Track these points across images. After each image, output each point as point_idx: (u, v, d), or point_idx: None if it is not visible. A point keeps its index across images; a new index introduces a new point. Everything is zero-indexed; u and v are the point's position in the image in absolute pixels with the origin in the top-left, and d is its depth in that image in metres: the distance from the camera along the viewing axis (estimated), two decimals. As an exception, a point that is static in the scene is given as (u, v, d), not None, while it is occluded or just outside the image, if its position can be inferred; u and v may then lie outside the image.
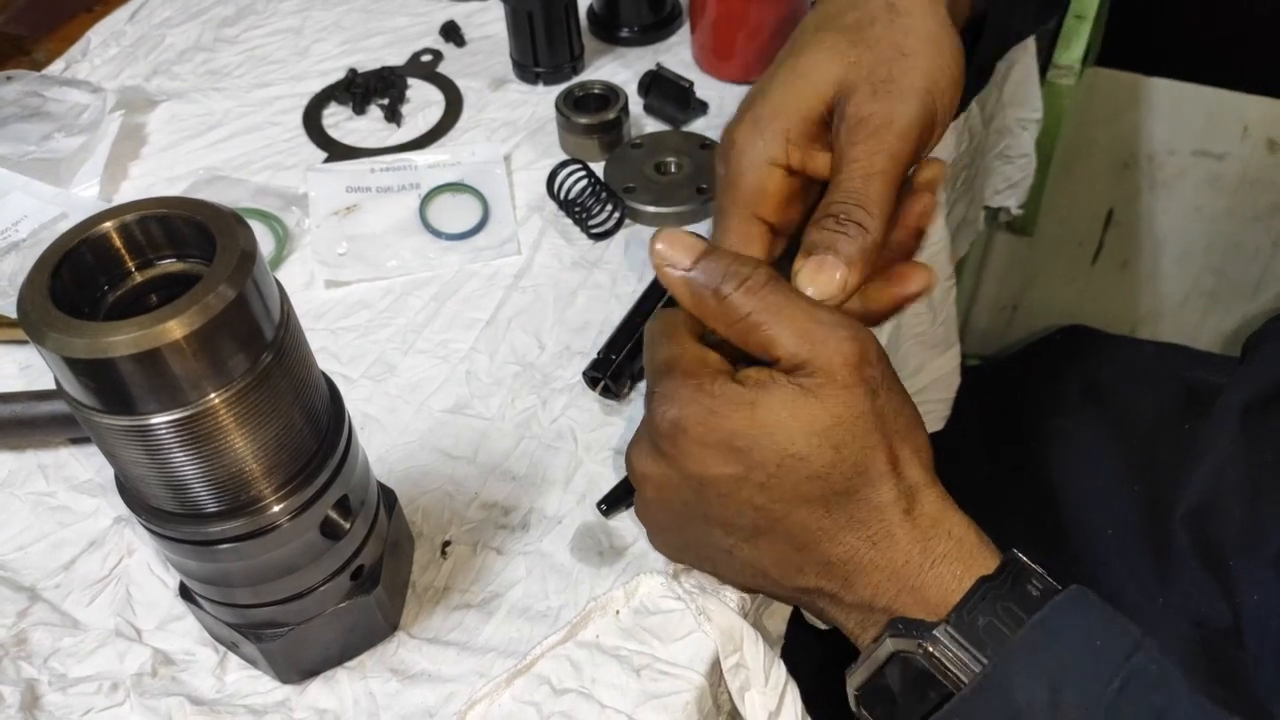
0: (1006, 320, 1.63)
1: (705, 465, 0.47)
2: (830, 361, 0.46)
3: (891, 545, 0.46)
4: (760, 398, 0.46)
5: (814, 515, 0.47)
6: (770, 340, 0.47)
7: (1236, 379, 0.79)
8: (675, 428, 0.48)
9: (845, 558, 0.47)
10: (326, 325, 0.71)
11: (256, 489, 0.43)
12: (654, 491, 0.51)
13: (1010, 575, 0.46)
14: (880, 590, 0.47)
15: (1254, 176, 1.37)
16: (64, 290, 0.38)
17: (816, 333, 0.46)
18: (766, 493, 0.47)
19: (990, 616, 0.44)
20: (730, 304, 0.48)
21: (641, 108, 0.86)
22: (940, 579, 0.46)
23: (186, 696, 0.52)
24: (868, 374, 0.46)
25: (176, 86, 0.92)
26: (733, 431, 0.46)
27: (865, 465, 0.46)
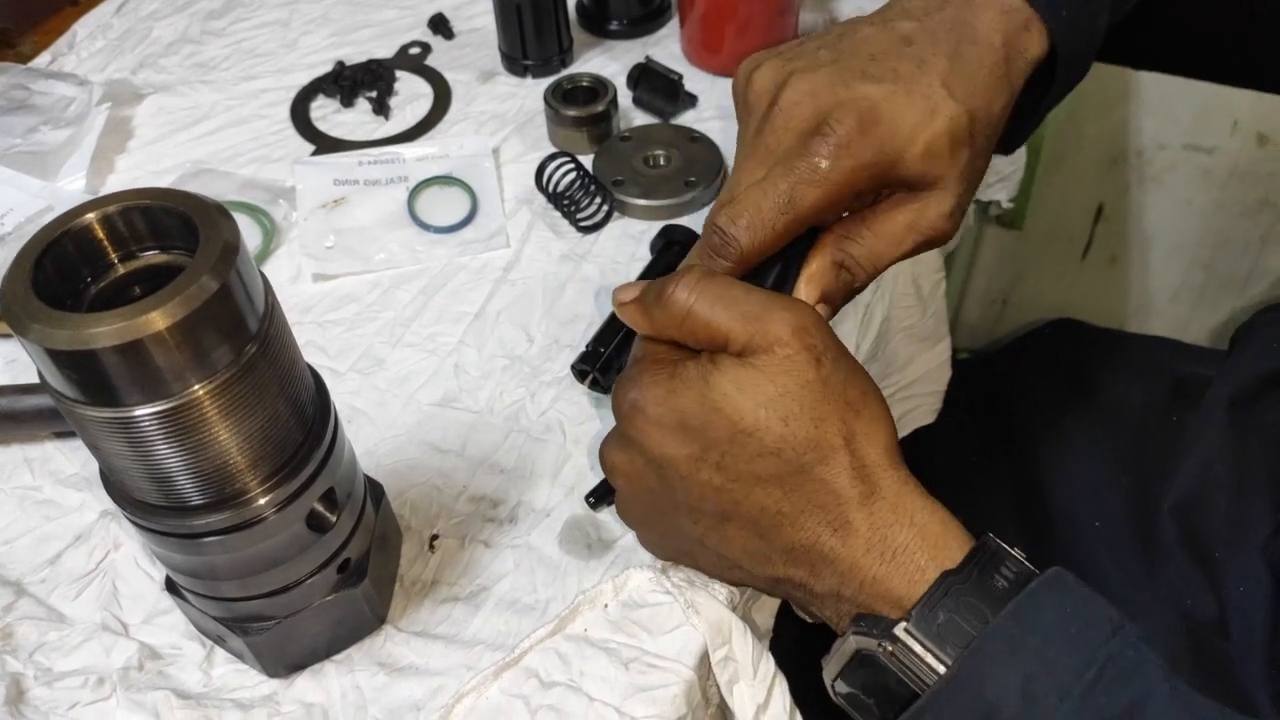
0: (997, 314, 1.63)
1: (664, 445, 0.48)
2: (769, 334, 0.46)
3: (851, 534, 0.45)
4: (710, 375, 0.47)
5: (771, 496, 0.46)
6: (714, 328, 0.47)
7: (1224, 372, 0.80)
8: (634, 409, 0.48)
9: (808, 544, 0.46)
10: (314, 318, 0.71)
11: (242, 481, 0.43)
12: (624, 481, 0.51)
13: (976, 567, 0.44)
14: (845, 580, 0.46)
15: (1244, 171, 1.38)
16: (47, 282, 0.38)
17: (753, 311, 0.47)
18: (723, 472, 0.47)
19: (951, 613, 0.43)
20: (672, 300, 0.48)
21: (630, 100, 0.86)
22: (903, 570, 0.45)
23: (173, 690, 0.52)
24: (808, 342, 0.46)
25: (163, 79, 0.91)
26: (686, 410, 0.47)
27: (817, 439, 0.45)
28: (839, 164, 0.50)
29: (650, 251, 0.73)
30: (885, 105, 0.51)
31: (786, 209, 0.50)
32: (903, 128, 0.51)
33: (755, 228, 0.51)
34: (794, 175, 0.51)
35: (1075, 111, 1.38)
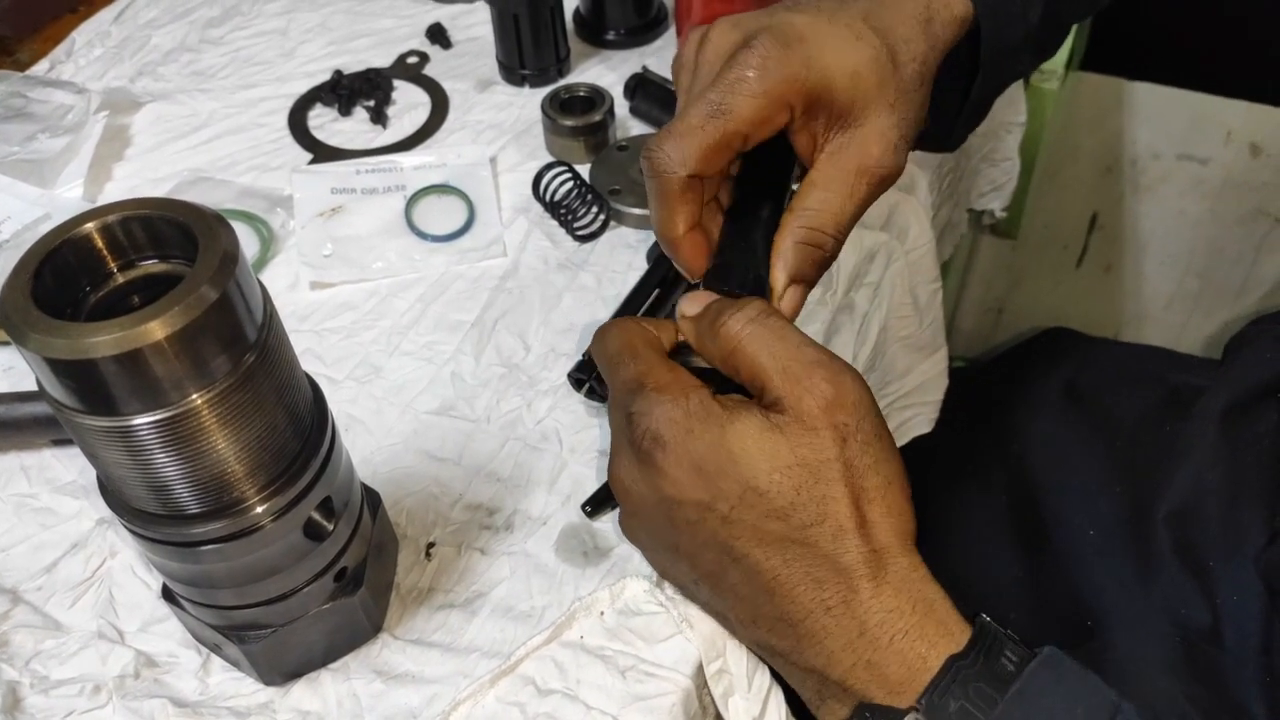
0: (992, 322, 1.64)
1: (679, 488, 0.47)
2: (800, 401, 0.45)
3: (848, 613, 0.44)
4: (731, 421, 0.46)
5: (771, 561, 0.45)
6: (755, 371, 0.47)
7: (1217, 382, 0.80)
8: (655, 444, 0.47)
9: (798, 618, 0.45)
10: (311, 327, 0.71)
11: (239, 490, 0.43)
12: (634, 508, 0.51)
13: (981, 651, 0.44)
14: (834, 660, 0.45)
15: (1237, 180, 1.38)
16: (46, 291, 0.38)
17: (795, 369, 0.46)
18: (729, 527, 0.46)
19: (962, 700, 0.42)
20: (724, 331, 0.48)
21: (627, 110, 0.86)
22: (902, 656, 0.44)
23: (169, 699, 0.52)
24: (838, 419, 0.45)
25: (161, 87, 0.92)
26: (703, 454, 0.46)
27: (824, 515, 0.44)
28: (768, 74, 0.50)
29: (646, 261, 0.74)
30: (808, 28, 0.52)
31: (716, 114, 0.50)
32: (827, 48, 0.51)
33: (682, 135, 0.50)
34: (721, 85, 0.50)
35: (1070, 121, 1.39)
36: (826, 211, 0.53)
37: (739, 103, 0.50)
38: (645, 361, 0.50)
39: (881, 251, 0.79)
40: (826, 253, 0.54)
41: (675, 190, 0.52)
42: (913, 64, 0.54)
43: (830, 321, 0.73)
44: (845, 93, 0.52)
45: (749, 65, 0.50)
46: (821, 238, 0.53)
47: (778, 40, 0.50)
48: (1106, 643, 0.70)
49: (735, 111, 0.50)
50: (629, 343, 0.52)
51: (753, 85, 0.50)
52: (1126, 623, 0.71)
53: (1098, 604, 0.73)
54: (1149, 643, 0.69)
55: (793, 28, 0.51)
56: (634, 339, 0.52)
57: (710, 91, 0.50)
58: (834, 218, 0.53)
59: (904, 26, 0.54)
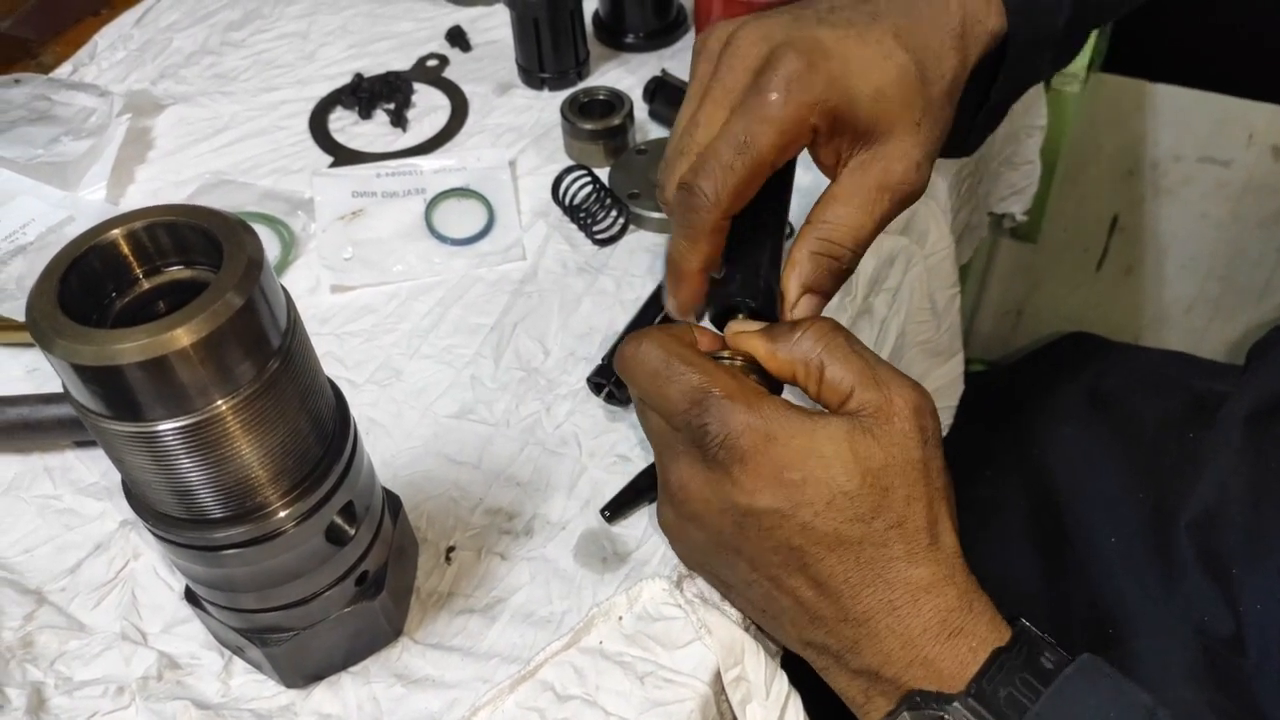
0: (1011, 325, 1.63)
1: (754, 497, 0.47)
2: (893, 404, 0.47)
3: (914, 613, 0.46)
4: (820, 427, 0.46)
5: (844, 564, 0.46)
6: (838, 381, 0.48)
7: (1241, 388, 0.79)
8: (732, 454, 0.47)
9: (862, 618, 0.46)
10: (332, 330, 0.71)
11: (262, 495, 0.43)
12: (693, 512, 0.50)
13: (1024, 646, 0.45)
14: (891, 659, 0.46)
15: (1259, 183, 1.37)
16: (72, 297, 0.39)
17: (881, 376, 0.48)
18: (806, 534, 0.46)
19: (1010, 688, 0.44)
20: (800, 346, 0.49)
21: (646, 114, 0.86)
22: (955, 651, 0.45)
23: (191, 700, 0.52)
24: (925, 423, 0.47)
25: (183, 90, 0.92)
26: (788, 461, 0.46)
27: (905, 517, 0.46)
28: (791, 98, 0.49)
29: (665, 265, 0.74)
30: (835, 45, 0.51)
31: (744, 149, 0.50)
32: (853, 66, 0.51)
33: (716, 174, 0.50)
34: (747, 114, 0.50)
35: (1091, 124, 1.38)
36: (844, 225, 0.53)
37: (763, 132, 0.49)
38: (702, 370, 0.49)
39: (900, 256, 0.79)
40: (843, 265, 0.54)
41: (710, 229, 0.51)
42: (942, 81, 0.53)
43: (850, 326, 0.73)
44: (869, 112, 0.51)
45: (773, 87, 0.49)
46: (839, 250, 0.53)
47: (803, 58, 0.50)
48: (1128, 650, 0.69)
49: (760, 141, 0.50)
50: (676, 353, 0.50)
51: (776, 110, 0.49)
52: (1148, 630, 0.70)
53: (1119, 611, 0.72)
54: (1171, 650, 0.69)
55: (819, 45, 0.51)
56: (679, 348, 0.51)
57: (735, 122, 0.50)
58: (852, 232, 0.53)
59: (937, 42, 0.53)
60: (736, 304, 0.53)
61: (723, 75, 0.53)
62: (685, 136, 0.53)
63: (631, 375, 0.52)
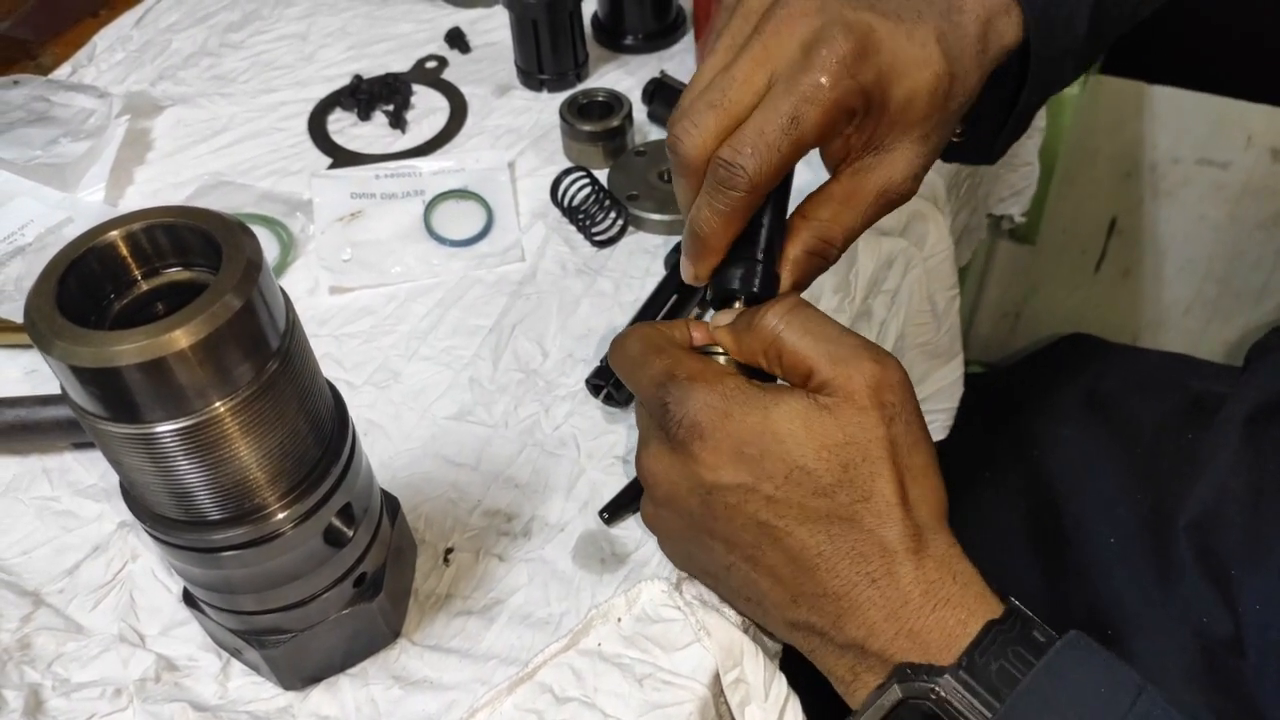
0: (1009, 327, 1.63)
1: (717, 472, 0.47)
2: (850, 381, 0.46)
3: (892, 584, 0.46)
4: (775, 403, 0.47)
5: (815, 538, 0.46)
6: (800, 358, 0.47)
7: (1239, 389, 0.79)
8: (692, 431, 0.48)
9: (841, 591, 0.46)
10: (330, 331, 0.71)
11: (260, 496, 0.43)
12: (664, 496, 0.51)
13: (1017, 620, 0.45)
14: (875, 630, 0.46)
15: (1257, 185, 1.37)
16: (70, 298, 0.39)
17: (839, 353, 0.47)
18: (772, 507, 0.47)
19: (1002, 660, 0.44)
20: (761, 325, 0.49)
21: (645, 115, 0.86)
22: (943, 623, 0.45)
23: (189, 702, 0.52)
24: (886, 399, 0.46)
25: (182, 91, 0.92)
26: (745, 437, 0.46)
27: (871, 492, 0.46)
28: (841, 82, 0.48)
29: (665, 267, 0.74)
30: (888, 37, 0.50)
31: (790, 129, 0.48)
32: (898, 64, 0.50)
33: (761, 153, 0.48)
34: (796, 93, 0.48)
35: (1089, 126, 1.38)
36: (839, 225, 0.53)
37: (810, 114, 0.48)
38: (670, 355, 0.50)
39: (900, 258, 0.79)
40: (828, 263, 0.54)
41: (747, 207, 0.50)
42: (962, 97, 0.53)
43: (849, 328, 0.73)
44: (894, 113, 0.51)
45: (825, 69, 0.48)
46: (829, 250, 0.53)
47: (858, 43, 0.48)
48: (1126, 651, 0.69)
49: (807, 123, 0.48)
50: (651, 342, 0.52)
51: (826, 94, 0.48)
52: (1146, 631, 0.70)
53: (1118, 612, 0.72)
54: (1169, 651, 0.69)
55: (873, 32, 0.49)
56: (654, 338, 0.52)
57: (782, 99, 0.48)
58: (845, 232, 0.53)
59: (966, 56, 0.52)
60: (734, 291, 0.53)
61: (767, 37, 0.50)
62: (716, 89, 0.50)
63: (616, 367, 0.53)
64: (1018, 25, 0.55)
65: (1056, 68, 0.59)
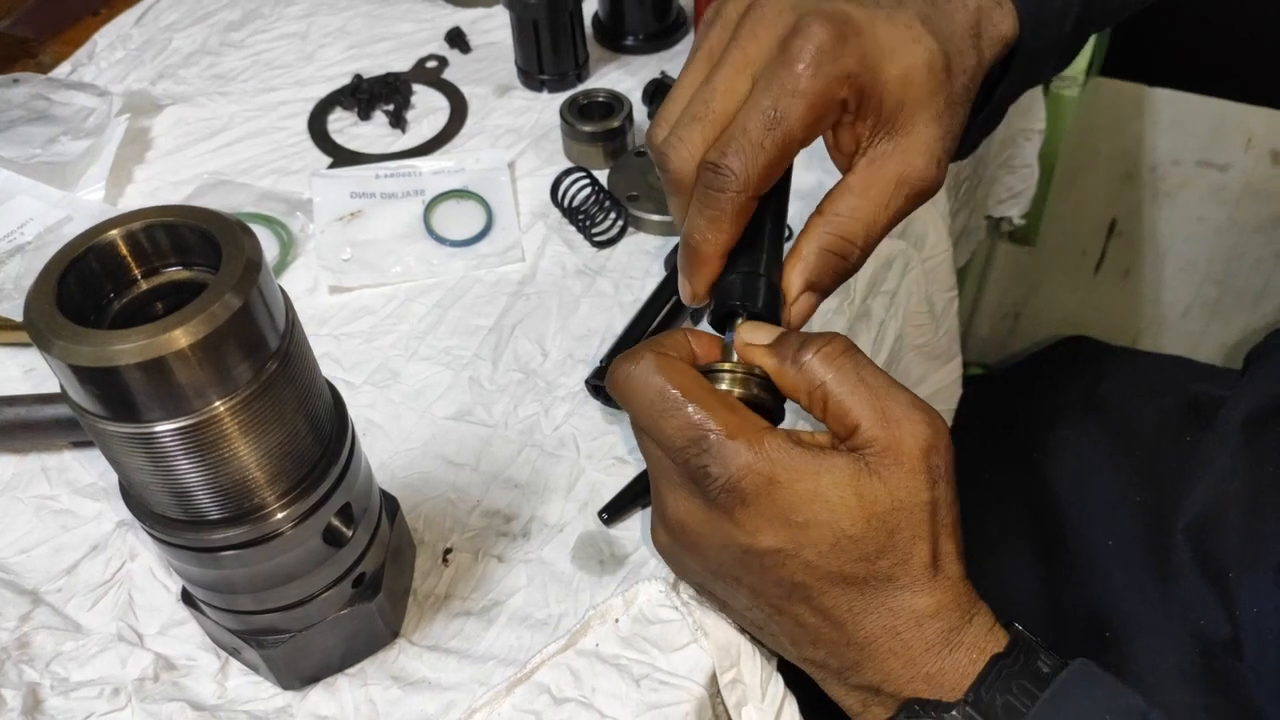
0: (1008, 329, 1.63)
1: (756, 537, 0.46)
2: (902, 443, 0.45)
3: (916, 635, 0.46)
4: (824, 470, 0.45)
5: (847, 597, 0.46)
6: (847, 413, 0.46)
7: (1238, 392, 0.79)
8: (734, 496, 0.45)
9: (864, 642, 0.46)
10: (330, 331, 0.71)
11: (260, 496, 0.43)
12: (690, 543, 0.49)
13: (1021, 652, 0.45)
14: (892, 676, 0.46)
15: (1257, 188, 1.37)
16: (70, 298, 0.39)
17: (892, 411, 0.45)
18: (810, 571, 0.45)
19: (1007, 695, 0.44)
20: (808, 370, 0.47)
21: (645, 116, 0.86)
22: (957, 664, 0.45)
23: (188, 702, 0.52)
24: (934, 463, 0.45)
25: (182, 90, 0.92)
26: (792, 505, 0.45)
27: (910, 555, 0.45)
28: (821, 70, 0.46)
29: (664, 268, 0.74)
30: (865, 22, 0.48)
31: (774, 125, 0.46)
32: (883, 44, 0.49)
33: (746, 151, 0.46)
34: (775, 87, 0.46)
35: (1089, 127, 1.38)
36: (858, 220, 0.50)
37: (793, 106, 0.46)
38: (700, 404, 0.46)
39: (899, 259, 0.79)
40: (850, 264, 0.51)
41: (738, 210, 0.48)
42: (964, 75, 0.51)
43: (847, 330, 0.73)
44: (895, 96, 0.49)
45: (800, 58, 0.46)
46: (848, 248, 0.50)
47: (832, 29, 0.47)
48: (1125, 653, 0.69)
49: (790, 116, 0.46)
50: (674, 381, 0.47)
51: (805, 83, 0.46)
52: (1145, 633, 0.70)
53: (1116, 614, 0.72)
54: (1168, 653, 0.69)
55: (849, 18, 0.48)
56: (676, 375, 0.47)
57: (762, 95, 0.47)
58: (865, 227, 0.50)
59: (958, 37, 0.51)
60: (736, 307, 0.50)
61: (744, 41, 0.49)
62: (699, 101, 0.49)
63: (626, 402, 0.49)
64: (1012, 17, 0.54)
65: (1039, 63, 0.59)
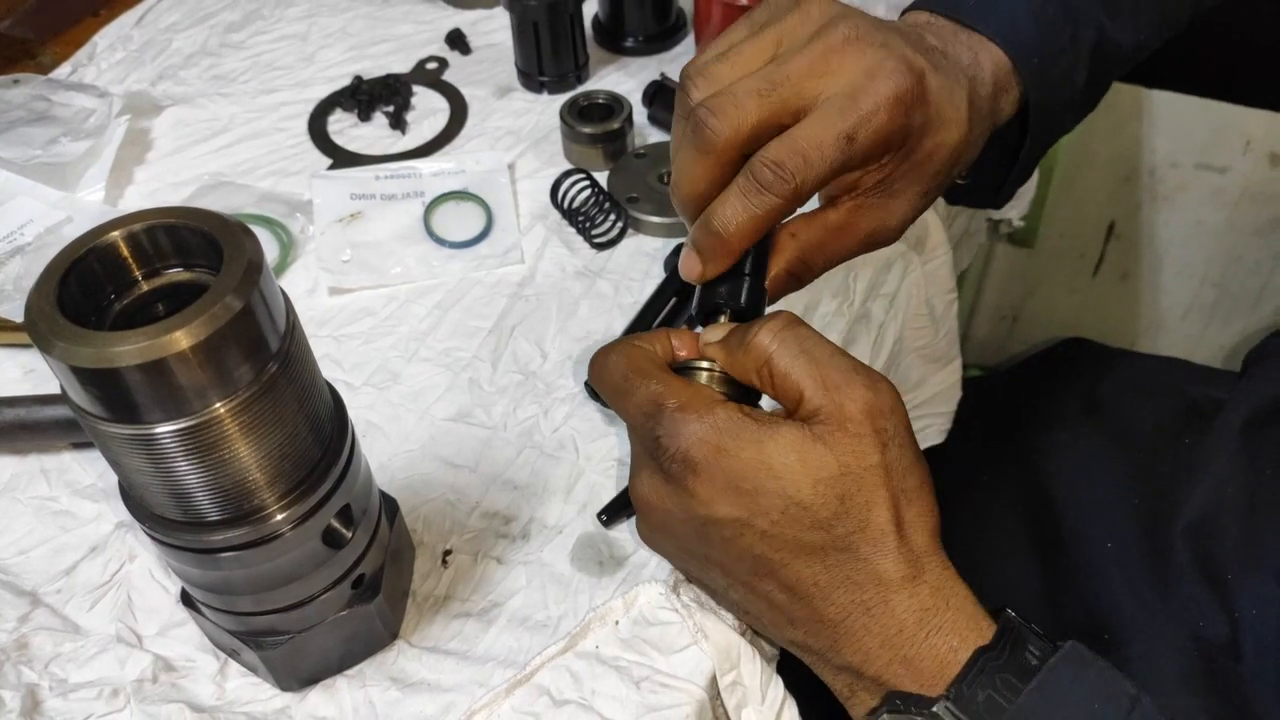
0: (1007, 331, 1.63)
1: (711, 507, 0.47)
2: (843, 409, 0.45)
3: (887, 613, 0.46)
4: (769, 436, 0.46)
5: (811, 568, 0.46)
6: (791, 382, 0.47)
7: (1236, 395, 0.80)
8: (684, 466, 0.47)
9: (837, 619, 0.46)
10: (330, 332, 0.71)
11: (260, 498, 0.43)
12: (658, 523, 0.51)
13: (1008, 643, 0.45)
14: (871, 657, 0.46)
15: (1255, 190, 1.37)
16: (71, 299, 0.39)
17: (833, 378, 0.46)
18: (768, 541, 0.46)
19: (989, 690, 0.44)
20: (754, 345, 0.48)
21: (645, 118, 0.86)
22: (935, 650, 0.45)
23: (187, 703, 0.52)
24: (880, 425, 0.46)
25: (182, 91, 0.92)
26: (739, 472, 0.46)
27: (867, 521, 0.45)
28: (896, 118, 0.48)
29: (664, 269, 0.74)
30: (936, 90, 0.50)
31: (845, 147, 0.47)
32: (935, 119, 0.50)
33: (815, 165, 0.47)
34: (858, 113, 0.47)
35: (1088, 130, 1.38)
36: (823, 253, 0.53)
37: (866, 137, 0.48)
38: (658, 381, 0.49)
39: (899, 262, 0.79)
40: (801, 285, 0.54)
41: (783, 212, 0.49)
42: (968, 159, 0.54)
43: (847, 332, 0.73)
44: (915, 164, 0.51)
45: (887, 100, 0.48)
46: (806, 273, 0.54)
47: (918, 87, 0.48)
48: (1123, 655, 0.69)
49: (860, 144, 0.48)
50: (635, 365, 0.50)
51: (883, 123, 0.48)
52: (1144, 635, 0.70)
53: (1115, 616, 0.72)
54: (1166, 655, 0.69)
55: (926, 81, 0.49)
56: (638, 360, 0.51)
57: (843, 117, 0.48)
58: (825, 261, 0.54)
59: (982, 120, 0.53)
60: (719, 305, 0.52)
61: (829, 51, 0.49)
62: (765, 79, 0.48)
63: (599, 387, 0.52)
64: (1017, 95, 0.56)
65: (1057, 119, 0.60)
